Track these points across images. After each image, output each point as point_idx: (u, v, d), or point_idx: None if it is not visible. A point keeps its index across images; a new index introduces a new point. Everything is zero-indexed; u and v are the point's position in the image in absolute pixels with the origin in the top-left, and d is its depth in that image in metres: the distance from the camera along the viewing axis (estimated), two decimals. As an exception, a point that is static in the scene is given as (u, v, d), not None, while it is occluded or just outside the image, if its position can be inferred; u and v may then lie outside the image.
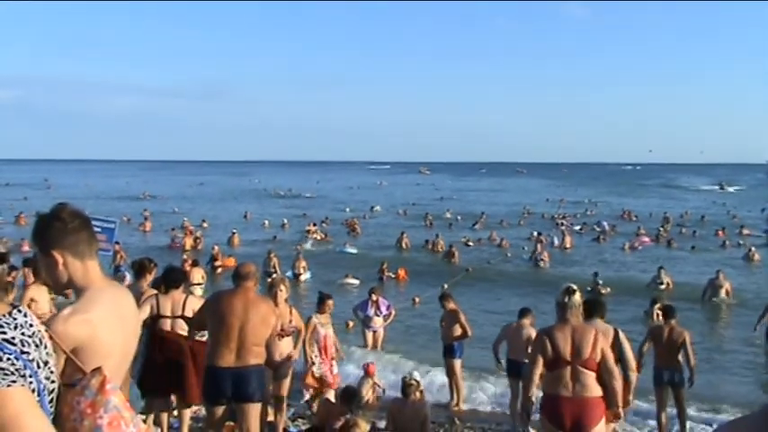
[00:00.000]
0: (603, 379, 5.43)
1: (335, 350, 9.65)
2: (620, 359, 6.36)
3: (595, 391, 5.39)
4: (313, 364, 9.23)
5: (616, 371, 5.58)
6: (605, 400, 5.42)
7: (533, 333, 8.52)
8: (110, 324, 2.58)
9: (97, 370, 2.23)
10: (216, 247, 25.46)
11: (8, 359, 1.75)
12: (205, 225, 35.36)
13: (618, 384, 5.50)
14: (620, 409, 5.60)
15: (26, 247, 25.32)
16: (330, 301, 9.95)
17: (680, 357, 8.61)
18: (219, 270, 22.50)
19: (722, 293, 19.71)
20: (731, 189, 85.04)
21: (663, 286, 20.77)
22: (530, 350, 6.26)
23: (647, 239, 32.75)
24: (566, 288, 5.64)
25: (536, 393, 5.77)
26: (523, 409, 5.88)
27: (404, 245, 30.73)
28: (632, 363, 6.62)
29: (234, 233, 31.82)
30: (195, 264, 21.20)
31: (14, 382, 1.74)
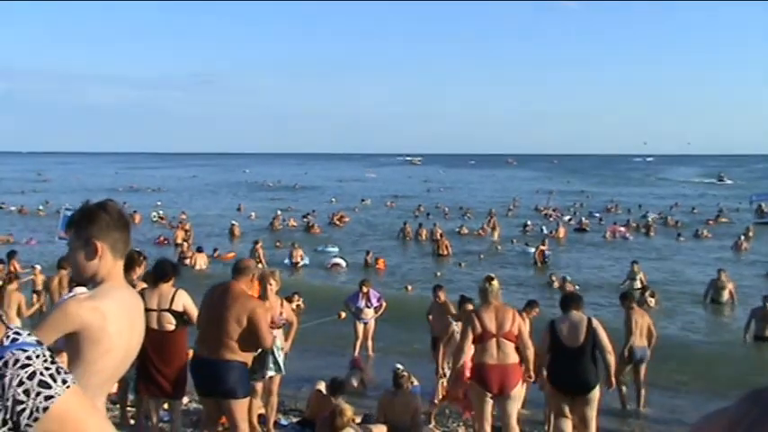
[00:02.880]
0: (520, 349, 6.67)
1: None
2: (596, 344, 7.01)
3: (515, 358, 6.63)
4: (444, 375, 8.89)
5: (530, 342, 6.77)
6: (521, 365, 6.69)
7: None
8: (117, 320, 2.62)
9: None
10: (186, 244, 25.42)
11: None
12: (183, 217, 35.08)
13: (530, 353, 6.73)
14: (533, 373, 6.88)
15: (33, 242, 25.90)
16: (469, 305, 9.70)
17: (645, 338, 10.08)
18: (188, 262, 21.96)
19: (725, 295, 17.72)
20: (730, 181, 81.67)
21: (637, 284, 18.92)
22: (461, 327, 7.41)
23: (622, 229, 32.73)
24: (486, 277, 7.01)
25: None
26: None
27: (407, 235, 31.35)
28: (608, 346, 7.14)
29: (234, 224, 32.42)
30: (200, 250, 22.07)
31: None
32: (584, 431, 7.07)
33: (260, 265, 21.64)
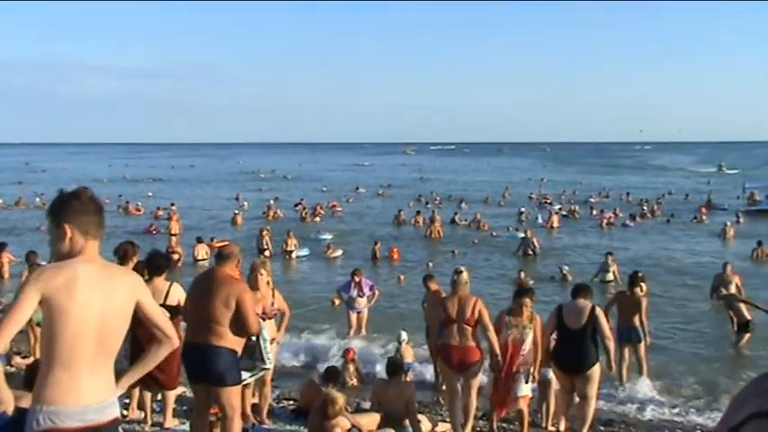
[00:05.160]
0: (480, 332, 7.50)
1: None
2: (596, 330, 7.69)
3: (473, 341, 7.52)
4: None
5: (491, 327, 7.51)
6: (479, 347, 7.56)
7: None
8: (79, 287, 2.83)
9: None
10: (174, 238, 25.32)
11: None
12: (174, 208, 34.90)
13: (492, 336, 7.47)
14: (499, 357, 7.52)
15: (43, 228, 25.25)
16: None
17: (636, 319, 10.42)
18: (175, 256, 21.89)
19: (732, 289, 15.45)
20: (731, 171, 75.72)
21: (610, 276, 18.46)
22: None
23: (610, 215, 32.61)
24: (455, 270, 7.87)
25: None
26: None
27: (401, 223, 31.62)
28: (608, 332, 7.85)
29: (237, 213, 32.66)
30: (199, 240, 21.86)
31: None
32: (584, 407, 7.81)
33: (266, 253, 21.77)
